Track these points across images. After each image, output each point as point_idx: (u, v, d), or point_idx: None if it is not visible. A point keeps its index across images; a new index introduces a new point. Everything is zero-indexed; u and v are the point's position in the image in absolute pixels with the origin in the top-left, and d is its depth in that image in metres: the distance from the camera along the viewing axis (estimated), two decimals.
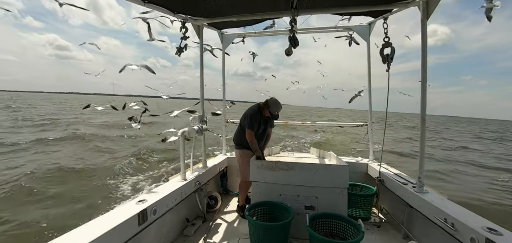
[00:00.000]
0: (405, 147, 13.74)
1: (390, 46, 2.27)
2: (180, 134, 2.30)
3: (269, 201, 2.21)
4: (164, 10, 2.21)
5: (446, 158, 11.44)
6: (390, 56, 2.28)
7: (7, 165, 6.96)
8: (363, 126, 3.25)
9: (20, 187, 5.47)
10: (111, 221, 1.46)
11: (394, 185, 2.45)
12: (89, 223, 1.45)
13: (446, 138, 21.45)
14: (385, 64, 2.31)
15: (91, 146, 10.17)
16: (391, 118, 57.11)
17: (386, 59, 2.30)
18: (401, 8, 2.31)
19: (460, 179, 8.13)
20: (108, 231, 1.37)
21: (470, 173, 8.95)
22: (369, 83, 3.11)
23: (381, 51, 2.32)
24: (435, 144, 16.45)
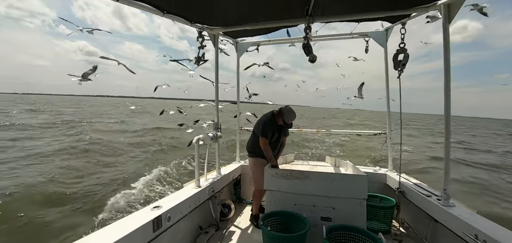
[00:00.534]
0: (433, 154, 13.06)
1: (404, 53, 2.20)
2: (195, 141, 2.31)
3: (284, 210, 2.15)
4: (181, 20, 2.27)
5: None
6: (402, 62, 2.22)
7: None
8: (382, 134, 3.13)
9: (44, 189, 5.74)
10: (127, 227, 1.47)
11: (416, 196, 2.31)
12: (105, 228, 1.47)
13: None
14: (396, 70, 2.26)
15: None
16: (417, 121, 54.47)
17: (398, 65, 2.23)
18: (420, 12, 2.24)
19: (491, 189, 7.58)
20: (124, 237, 1.38)
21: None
22: (387, 90, 3.01)
23: (394, 56, 2.26)
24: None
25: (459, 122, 70.96)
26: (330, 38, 3.23)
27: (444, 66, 1.96)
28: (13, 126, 15.87)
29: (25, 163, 7.79)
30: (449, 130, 1.96)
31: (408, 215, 2.52)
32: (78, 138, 12.45)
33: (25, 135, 12.76)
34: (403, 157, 2.62)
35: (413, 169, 9.27)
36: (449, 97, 1.93)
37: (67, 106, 44.05)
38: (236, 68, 3.41)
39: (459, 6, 1.84)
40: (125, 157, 9.42)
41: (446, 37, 1.93)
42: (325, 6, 2.06)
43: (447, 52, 1.93)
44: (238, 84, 3.47)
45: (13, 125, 16.26)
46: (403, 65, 2.16)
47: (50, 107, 38.05)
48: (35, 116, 23.29)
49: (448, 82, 1.93)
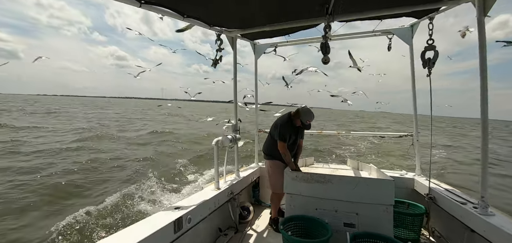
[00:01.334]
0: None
1: (434, 49, 2.06)
2: (214, 143, 2.33)
3: (305, 215, 2.09)
4: (201, 23, 2.31)
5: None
6: (432, 60, 2.08)
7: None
8: (408, 136, 2.95)
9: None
10: (149, 228, 1.49)
11: (449, 203, 2.14)
12: (128, 228, 1.51)
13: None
14: (425, 68, 2.12)
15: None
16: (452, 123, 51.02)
17: (427, 63, 2.09)
18: (450, 5, 2.08)
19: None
20: (146, 238, 1.40)
21: None
22: (414, 90, 2.84)
23: (422, 54, 2.12)
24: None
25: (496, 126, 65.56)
26: (350, 37, 3.12)
27: (480, 65, 1.79)
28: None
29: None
30: (487, 133, 1.79)
31: (440, 223, 2.34)
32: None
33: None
34: (435, 161, 2.45)
35: (445, 173, 8.69)
36: (486, 98, 1.76)
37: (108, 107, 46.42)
38: (254, 69, 3.40)
39: None
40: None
41: (482, 32, 1.77)
42: (346, 3, 1.99)
43: (483, 49, 1.76)
44: (256, 85, 3.46)
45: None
46: (433, 63, 2.02)
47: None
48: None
49: (485, 83, 1.76)
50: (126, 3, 1.63)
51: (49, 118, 21.93)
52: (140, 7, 1.71)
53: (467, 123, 71.51)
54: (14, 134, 12.34)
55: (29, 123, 17.02)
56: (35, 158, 8.26)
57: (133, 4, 1.66)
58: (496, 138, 24.87)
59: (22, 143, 10.32)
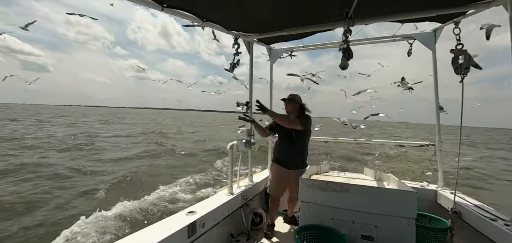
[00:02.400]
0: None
1: (465, 53, 1.95)
2: (229, 147, 2.31)
3: (320, 225, 2.01)
4: (219, 27, 2.33)
5: None
6: (464, 65, 1.96)
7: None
8: (430, 146, 2.81)
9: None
10: (163, 231, 1.49)
11: (477, 219, 2.00)
12: (142, 231, 1.50)
13: None
14: (458, 75, 2.00)
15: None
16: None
17: (460, 69, 1.98)
18: (479, 9, 1.99)
19: None
20: (159, 242, 1.40)
21: None
22: (436, 97, 2.71)
23: (453, 60, 2.00)
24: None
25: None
26: (369, 42, 3.04)
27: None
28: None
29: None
30: None
31: (466, 240, 2.19)
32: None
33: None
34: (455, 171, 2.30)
35: (472, 186, 8.24)
36: None
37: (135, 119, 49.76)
38: (269, 74, 3.39)
39: None
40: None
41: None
42: (367, 7, 1.94)
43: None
44: (271, 90, 3.43)
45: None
46: (466, 68, 1.90)
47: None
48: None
49: None
50: (149, 7, 1.67)
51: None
52: (162, 11, 1.75)
53: (489, 133, 67.86)
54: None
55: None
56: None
57: (155, 7, 1.69)
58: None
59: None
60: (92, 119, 35.31)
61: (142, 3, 1.62)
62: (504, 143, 32.34)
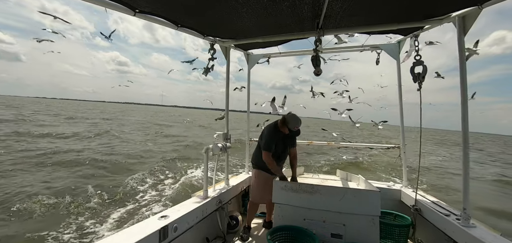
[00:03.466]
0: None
1: (422, 65, 2.15)
2: (204, 151, 2.33)
3: (292, 225, 2.09)
4: (194, 33, 2.35)
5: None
6: (421, 74, 2.16)
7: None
8: (395, 148, 3.02)
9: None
10: (133, 236, 1.48)
11: (434, 215, 2.19)
12: (111, 237, 1.48)
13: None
14: (416, 83, 2.20)
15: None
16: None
17: (418, 78, 2.18)
18: (433, 25, 2.20)
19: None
20: None
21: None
22: (401, 103, 2.93)
23: (412, 69, 2.20)
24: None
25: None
26: (340, 50, 3.22)
27: (460, 80, 1.89)
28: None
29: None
30: (467, 146, 1.87)
31: (425, 234, 2.39)
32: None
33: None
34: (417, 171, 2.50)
35: (431, 185, 8.85)
36: (466, 112, 1.86)
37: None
38: (247, 79, 3.45)
39: (474, 18, 1.79)
40: None
41: (462, 50, 1.87)
42: (336, 19, 2.08)
43: (463, 65, 1.87)
44: (249, 95, 3.50)
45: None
46: (423, 77, 2.10)
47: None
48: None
49: (465, 97, 1.86)
50: (121, 12, 1.66)
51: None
52: (134, 16, 1.74)
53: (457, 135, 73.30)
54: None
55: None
56: None
57: (127, 13, 1.68)
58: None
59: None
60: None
61: (113, 8, 1.61)
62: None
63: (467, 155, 1.86)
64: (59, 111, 38.71)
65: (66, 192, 5.90)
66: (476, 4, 1.72)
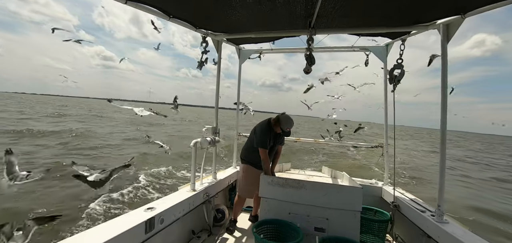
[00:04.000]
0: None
1: (401, 68, 2.24)
2: (192, 145, 2.33)
3: (277, 219, 2.15)
4: (186, 25, 2.32)
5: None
6: (397, 78, 2.26)
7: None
8: (379, 147, 3.14)
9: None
10: (118, 227, 1.47)
11: (410, 211, 2.32)
12: (96, 227, 1.48)
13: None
14: (391, 85, 2.30)
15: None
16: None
17: (393, 80, 2.27)
18: (420, 30, 2.28)
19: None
20: (115, 237, 1.38)
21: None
22: (386, 103, 3.03)
23: (390, 71, 2.29)
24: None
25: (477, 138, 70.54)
26: (332, 50, 3.28)
27: (441, 83, 1.99)
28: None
29: None
30: (445, 146, 1.98)
31: (402, 229, 2.52)
32: None
33: None
34: (401, 169, 2.64)
35: (412, 182, 9.28)
36: (445, 113, 1.96)
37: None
38: (238, 74, 3.45)
39: (458, 26, 1.88)
40: None
41: (445, 55, 1.97)
42: (328, 19, 2.11)
43: (445, 69, 1.97)
44: (239, 89, 3.50)
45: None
46: (398, 80, 2.20)
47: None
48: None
49: (445, 99, 1.97)
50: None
51: None
52: (125, 4, 1.70)
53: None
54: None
55: None
56: None
57: (119, 0, 1.64)
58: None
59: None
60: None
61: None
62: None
63: (444, 155, 1.97)
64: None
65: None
66: (459, 14, 1.82)
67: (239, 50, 3.31)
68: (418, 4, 1.85)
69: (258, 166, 2.62)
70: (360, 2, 1.86)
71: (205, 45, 2.52)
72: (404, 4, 1.86)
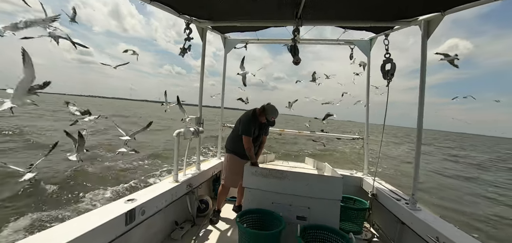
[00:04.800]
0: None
1: (391, 62, 2.29)
2: (176, 135, 2.27)
3: (260, 208, 2.18)
4: (169, 9, 2.21)
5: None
6: (390, 72, 2.31)
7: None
8: (359, 139, 3.25)
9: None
10: (97, 219, 1.42)
11: (387, 200, 2.43)
12: (74, 219, 1.42)
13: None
14: (385, 79, 2.35)
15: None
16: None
17: (387, 75, 2.33)
18: (402, 26, 2.34)
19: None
20: (93, 229, 1.33)
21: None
22: (367, 97, 3.12)
23: (382, 66, 2.34)
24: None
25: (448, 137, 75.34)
26: (317, 42, 3.30)
27: (420, 79, 2.07)
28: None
29: None
30: (420, 140, 2.08)
31: (379, 217, 2.65)
32: None
33: None
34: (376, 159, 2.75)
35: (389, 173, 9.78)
36: (422, 110, 2.05)
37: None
38: (223, 63, 3.38)
39: (437, 23, 1.96)
40: None
41: (424, 51, 2.05)
42: (314, 10, 2.11)
43: (424, 65, 2.05)
44: (224, 80, 3.45)
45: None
46: (391, 74, 2.24)
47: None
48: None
49: (422, 95, 2.05)
50: None
51: None
52: None
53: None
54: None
55: None
56: None
57: None
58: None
59: None
60: None
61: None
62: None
63: (419, 148, 2.08)
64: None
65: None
66: (439, 11, 1.88)
67: (225, 39, 3.24)
68: (401, 0, 1.90)
69: (242, 155, 2.63)
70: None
71: (189, 32, 2.43)
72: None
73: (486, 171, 13.93)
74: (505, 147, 49.30)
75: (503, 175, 13.11)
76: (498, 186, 10.05)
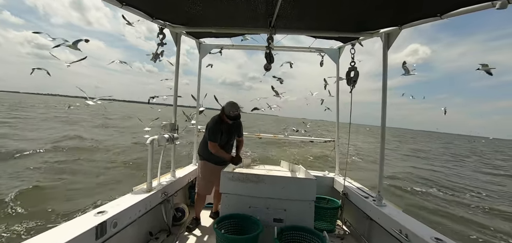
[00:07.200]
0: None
1: (355, 70, 2.50)
2: (149, 142, 2.20)
3: (237, 213, 2.19)
4: (142, 14, 2.14)
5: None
6: (353, 79, 2.52)
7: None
8: (331, 142, 3.44)
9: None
10: (65, 235, 1.32)
11: (356, 198, 2.60)
12: (40, 235, 1.30)
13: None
14: (349, 86, 2.55)
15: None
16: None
17: (350, 81, 2.53)
18: (366, 37, 2.56)
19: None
20: None
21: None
22: (337, 102, 3.33)
23: (347, 73, 2.53)
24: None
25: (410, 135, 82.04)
26: (290, 49, 3.43)
27: (382, 84, 2.28)
28: None
29: None
30: (384, 139, 2.28)
31: (350, 214, 2.82)
32: None
33: None
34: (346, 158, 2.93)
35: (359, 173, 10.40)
36: (385, 111, 2.26)
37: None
38: (198, 68, 3.35)
39: (396, 35, 2.18)
40: None
41: (385, 60, 2.26)
42: (287, 20, 2.21)
43: (385, 72, 2.26)
44: (199, 85, 3.42)
45: None
46: (354, 81, 2.45)
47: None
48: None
49: (385, 97, 2.26)
50: None
51: None
52: None
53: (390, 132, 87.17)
54: None
55: None
56: None
57: None
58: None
59: None
60: None
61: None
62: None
63: (383, 147, 2.27)
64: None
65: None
66: (397, 25, 2.10)
67: (200, 44, 3.22)
68: (364, 14, 2.08)
69: (215, 161, 2.61)
70: (315, 9, 2.00)
71: (162, 37, 2.38)
72: (352, 13, 2.06)
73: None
74: (457, 143, 55.38)
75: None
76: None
